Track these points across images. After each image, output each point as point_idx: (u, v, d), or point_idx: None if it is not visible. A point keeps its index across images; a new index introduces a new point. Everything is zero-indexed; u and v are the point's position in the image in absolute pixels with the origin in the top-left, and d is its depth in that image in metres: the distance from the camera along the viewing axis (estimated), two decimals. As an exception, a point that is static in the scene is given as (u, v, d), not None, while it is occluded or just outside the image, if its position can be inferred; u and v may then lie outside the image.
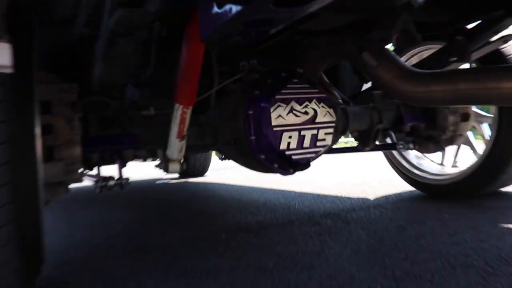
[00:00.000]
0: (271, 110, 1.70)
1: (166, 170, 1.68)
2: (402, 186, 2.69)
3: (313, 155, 1.82)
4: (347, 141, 5.46)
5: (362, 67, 1.85)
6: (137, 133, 1.64)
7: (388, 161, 2.63)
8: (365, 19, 1.98)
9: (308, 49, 2.04)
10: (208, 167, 4.58)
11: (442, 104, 1.72)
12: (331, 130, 1.84)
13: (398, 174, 2.59)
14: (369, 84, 2.73)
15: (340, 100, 2.02)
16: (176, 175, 4.62)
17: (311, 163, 1.85)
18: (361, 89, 2.69)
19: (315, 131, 1.80)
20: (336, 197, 2.66)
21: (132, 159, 1.68)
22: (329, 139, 1.84)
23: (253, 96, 1.78)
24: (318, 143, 1.82)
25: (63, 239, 2.10)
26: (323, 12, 1.72)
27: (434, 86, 1.49)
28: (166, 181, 4.41)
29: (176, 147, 1.63)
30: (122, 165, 1.65)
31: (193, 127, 1.71)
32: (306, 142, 1.78)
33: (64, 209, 3.07)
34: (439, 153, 2.38)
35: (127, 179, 1.63)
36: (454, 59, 1.92)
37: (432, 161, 2.50)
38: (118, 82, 1.49)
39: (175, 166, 1.68)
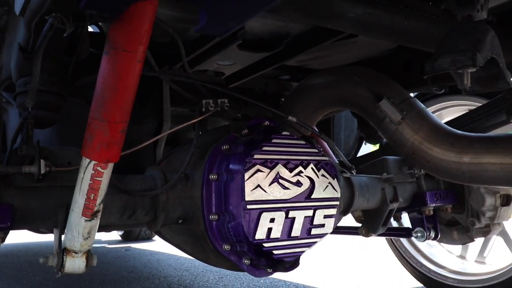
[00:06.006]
0: (246, 177, 1.07)
1: (60, 268, 0.97)
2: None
3: (304, 249, 1.17)
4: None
5: (377, 122, 1.31)
6: (13, 202, 0.95)
7: (391, 245, 2.01)
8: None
9: (302, 92, 1.46)
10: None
11: (495, 184, 1.19)
12: (333, 211, 1.21)
13: (403, 265, 1.96)
14: (368, 146, 2.17)
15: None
16: (118, 237, 3.79)
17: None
18: (358, 150, 2.12)
19: (310, 212, 1.17)
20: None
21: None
22: (329, 225, 1.21)
23: (219, 152, 1.15)
24: (314, 231, 1.18)
25: None
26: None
27: (487, 157, 1.14)
28: (103, 245, 3.57)
29: (80, 229, 0.94)
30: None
31: (115, 196, 1.04)
32: (296, 229, 1.14)
33: None
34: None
35: None
36: (503, 119, 1.41)
37: (449, 251, 1.90)
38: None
39: (76, 262, 0.97)
